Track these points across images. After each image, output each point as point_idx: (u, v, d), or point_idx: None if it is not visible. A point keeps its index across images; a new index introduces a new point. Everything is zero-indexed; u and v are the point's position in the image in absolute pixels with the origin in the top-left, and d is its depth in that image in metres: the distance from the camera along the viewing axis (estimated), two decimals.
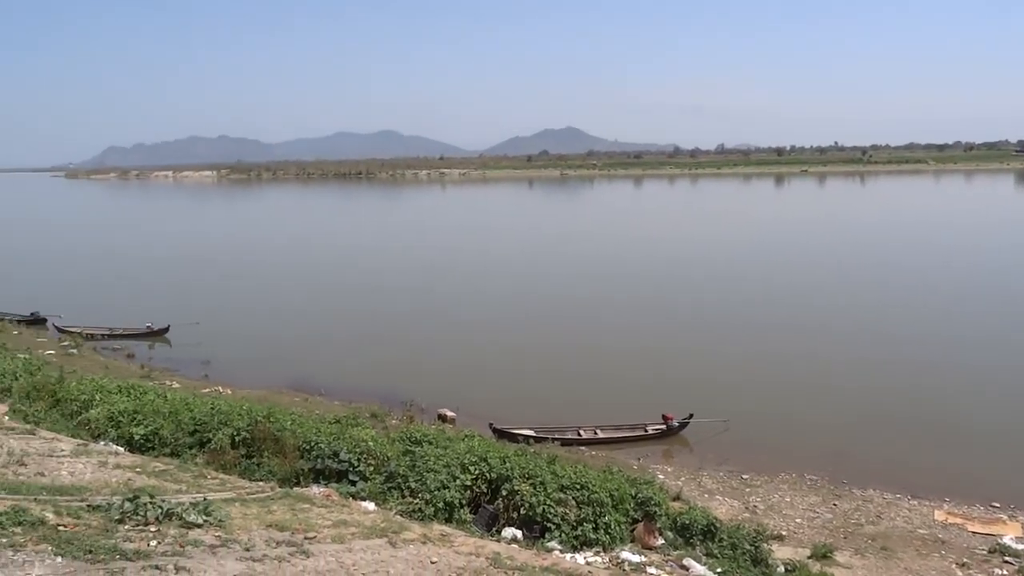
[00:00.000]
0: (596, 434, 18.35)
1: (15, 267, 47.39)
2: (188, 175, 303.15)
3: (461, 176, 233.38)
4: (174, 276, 43.17)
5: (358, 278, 41.35)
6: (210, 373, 23.09)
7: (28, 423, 12.94)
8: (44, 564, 5.44)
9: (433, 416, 19.15)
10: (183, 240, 64.44)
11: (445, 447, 12.37)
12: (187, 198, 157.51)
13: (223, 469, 11.62)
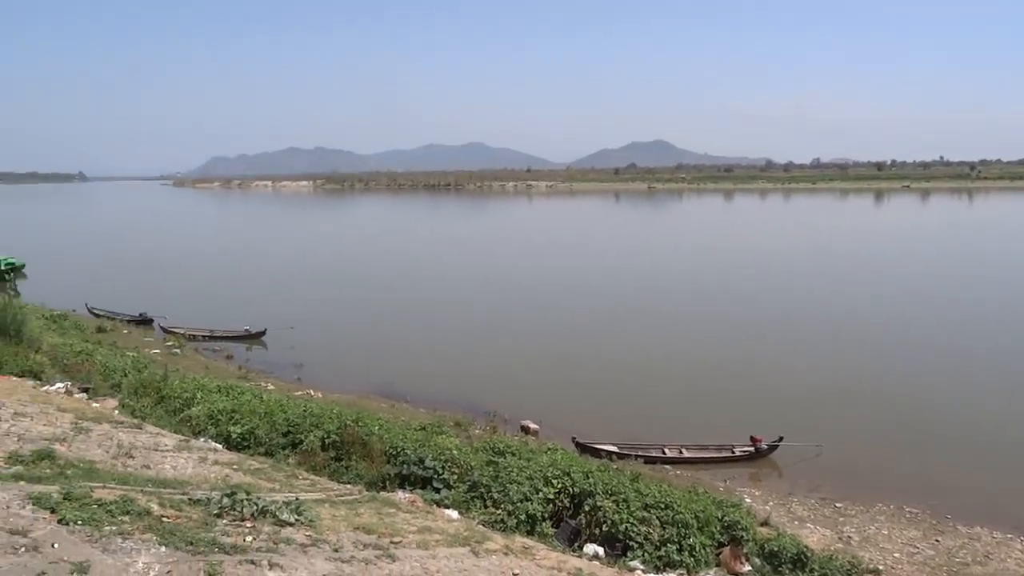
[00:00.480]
0: (681, 453, 17.98)
1: (127, 270, 50.29)
2: (286, 184, 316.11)
3: (548, 188, 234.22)
4: (270, 281, 44.89)
5: (445, 289, 41.95)
6: (302, 376, 23.85)
7: (135, 418, 13.66)
8: (149, 553, 5.73)
9: (516, 428, 19.19)
10: (279, 247, 66.96)
11: (528, 459, 12.40)
12: (284, 207, 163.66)
13: (313, 470, 11.98)
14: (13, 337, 18.53)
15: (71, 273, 47.68)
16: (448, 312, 35.14)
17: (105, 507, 6.60)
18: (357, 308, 36.25)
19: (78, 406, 13.43)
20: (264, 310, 32.85)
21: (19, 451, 8.78)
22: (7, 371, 15.90)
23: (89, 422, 11.50)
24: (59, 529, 5.88)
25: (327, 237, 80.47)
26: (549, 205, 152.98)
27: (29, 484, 7.15)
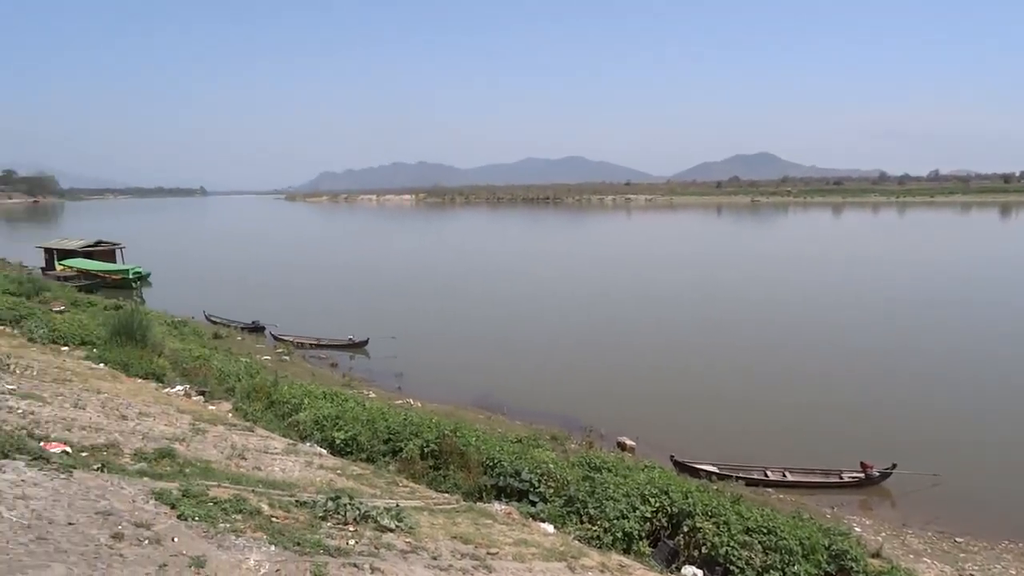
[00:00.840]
0: (785, 476, 17.30)
1: (241, 279, 52.91)
2: (389, 198, 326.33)
3: (647, 202, 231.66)
4: (374, 292, 46.26)
5: (544, 302, 42.07)
6: (403, 385, 24.41)
7: (248, 421, 14.33)
8: (260, 551, 5.98)
9: (612, 443, 19.00)
10: (383, 259, 68.90)
11: (625, 476, 12.24)
12: (387, 220, 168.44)
13: (412, 478, 12.22)
14: (139, 341, 19.82)
15: (191, 281, 50.56)
16: (546, 325, 35.20)
17: (220, 505, 6.94)
18: (457, 320, 36.83)
19: (196, 408, 14.21)
20: (367, 320, 33.84)
21: (143, 449, 9.35)
22: (133, 373, 17.00)
23: (205, 423, 12.14)
24: (178, 524, 6.22)
25: (428, 249, 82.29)
26: (648, 219, 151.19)
27: (152, 480, 7.61)
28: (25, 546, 4.95)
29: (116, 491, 6.80)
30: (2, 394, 10.65)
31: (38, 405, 10.46)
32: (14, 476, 6.45)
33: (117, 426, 10.45)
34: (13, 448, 7.26)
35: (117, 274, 47.15)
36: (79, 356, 18.09)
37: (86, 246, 52.69)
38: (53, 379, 13.33)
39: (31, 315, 21.50)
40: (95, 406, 11.56)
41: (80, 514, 5.88)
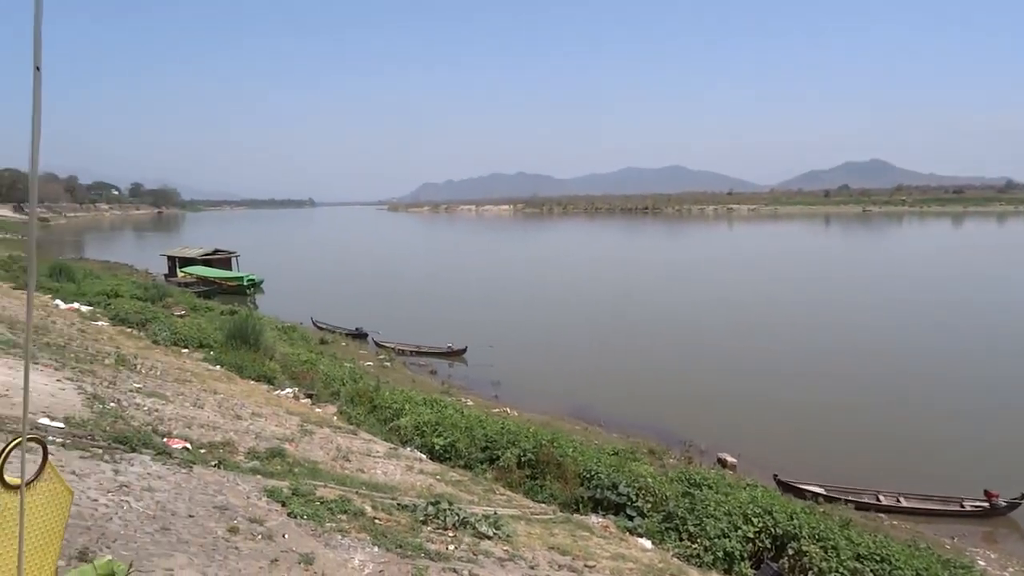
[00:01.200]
0: (899, 501, 16.36)
1: (346, 286, 54.75)
2: (488, 208, 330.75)
3: (750, 212, 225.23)
4: (472, 301, 46.88)
5: (640, 313, 41.55)
6: (500, 394, 24.59)
7: (351, 424, 14.81)
8: (364, 551, 6.16)
9: (712, 459, 18.51)
10: (481, 267, 69.81)
11: (726, 494, 11.91)
12: (485, 229, 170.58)
13: (509, 486, 12.29)
14: (252, 345, 20.83)
15: (300, 288, 52.65)
16: (645, 337, 34.75)
17: (326, 505, 7.20)
18: (554, 330, 36.85)
19: (303, 410, 14.79)
20: (465, 328, 34.32)
21: (256, 447, 9.81)
22: (246, 375, 17.88)
23: (312, 425, 12.62)
24: (288, 521, 6.49)
25: (526, 259, 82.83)
26: (751, 229, 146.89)
27: (264, 478, 7.97)
28: (151, 535, 5.28)
29: (232, 487, 7.17)
30: (131, 392, 11.41)
31: (162, 403, 11.15)
32: (141, 469, 6.90)
33: (232, 425, 11.00)
34: (140, 443, 7.76)
35: (232, 281, 49.69)
36: (198, 358, 19.17)
37: (205, 254, 55.85)
38: (175, 379, 14.18)
39: (155, 319, 22.95)
40: (212, 406, 12.21)
41: (199, 507, 6.23)
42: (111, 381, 11.91)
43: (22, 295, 24.15)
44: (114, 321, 22.13)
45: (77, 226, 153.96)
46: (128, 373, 13.41)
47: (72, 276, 32.47)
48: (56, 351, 13.43)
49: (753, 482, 14.28)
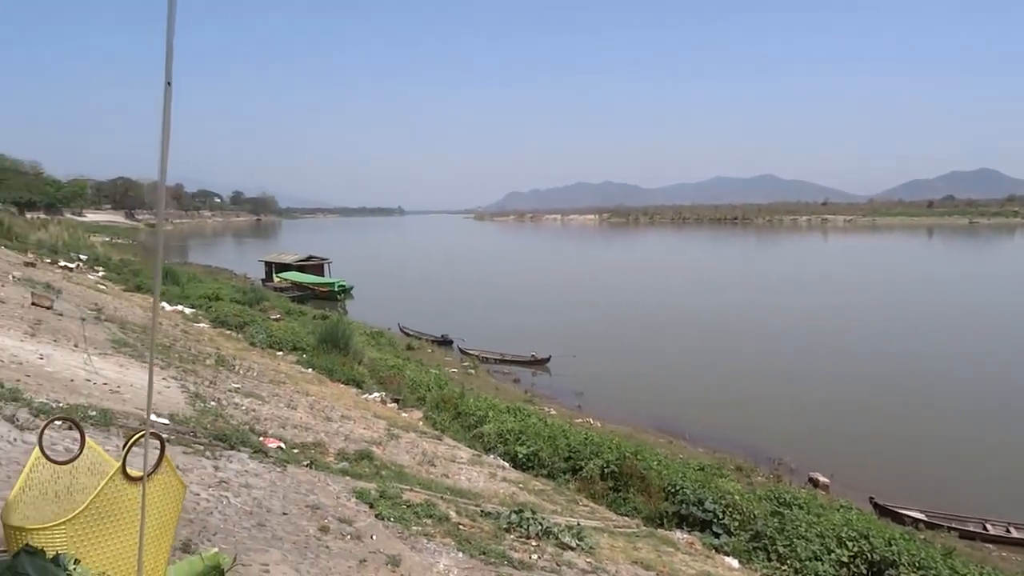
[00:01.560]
0: (1008, 532, 15.35)
1: (432, 293, 55.65)
2: (573, 218, 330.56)
3: (846, 223, 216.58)
4: (556, 309, 46.88)
5: (728, 326, 40.58)
6: (583, 404, 24.46)
7: (436, 430, 15.02)
8: (448, 556, 6.23)
9: (803, 478, 17.86)
10: (566, 276, 69.71)
11: (818, 515, 11.47)
12: (570, 239, 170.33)
13: (592, 498, 12.20)
14: (342, 349, 21.43)
15: (388, 295, 53.86)
16: (733, 351, 33.91)
17: (413, 508, 7.32)
18: (638, 341, 36.42)
19: (390, 414, 15.11)
20: (549, 337, 34.35)
21: (345, 449, 10.07)
22: (336, 378, 18.40)
23: (399, 430, 12.87)
24: (376, 523, 6.63)
25: (610, 268, 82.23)
26: (847, 241, 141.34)
27: (353, 479, 8.17)
28: (248, 531, 5.49)
29: (323, 487, 7.38)
30: (229, 391, 11.92)
31: (258, 403, 11.60)
32: (239, 466, 7.19)
33: (323, 427, 11.34)
34: (238, 441, 8.09)
35: (325, 287, 51.31)
36: (291, 360, 19.87)
37: (299, 260, 57.88)
38: (270, 380, 14.73)
39: (253, 322, 23.92)
40: (304, 407, 12.62)
41: (293, 506, 6.44)
42: (211, 381, 12.47)
43: (132, 296, 25.60)
44: (214, 323, 23.19)
45: (182, 232, 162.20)
46: (227, 373, 14.01)
47: (177, 279, 34.22)
48: (162, 351, 14.16)
49: (847, 504, 13.69)
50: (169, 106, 1.36)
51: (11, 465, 5.19)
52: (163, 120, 1.37)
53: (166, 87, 1.34)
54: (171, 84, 1.33)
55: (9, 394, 7.06)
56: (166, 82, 1.34)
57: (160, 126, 1.38)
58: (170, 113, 1.36)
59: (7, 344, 10.27)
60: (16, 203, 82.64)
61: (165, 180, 1.49)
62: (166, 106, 1.36)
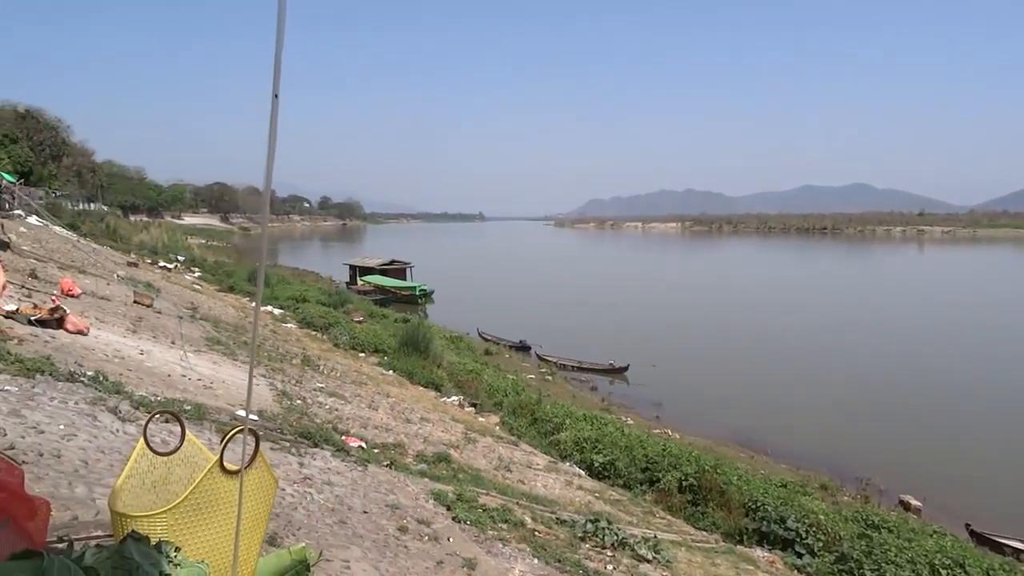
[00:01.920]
0: None
1: (511, 299, 55.91)
2: (654, 226, 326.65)
3: (944, 235, 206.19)
4: (636, 318, 46.38)
5: (813, 338, 39.25)
6: (661, 415, 24.06)
7: (513, 435, 15.08)
8: (524, 562, 6.25)
9: (893, 500, 17.08)
10: (645, 285, 68.91)
11: (909, 539, 10.95)
12: (651, 247, 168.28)
13: (669, 510, 12.00)
14: (422, 353, 21.79)
15: (467, 299, 54.40)
16: (819, 363, 32.79)
17: (489, 512, 7.37)
18: (719, 352, 35.63)
19: (468, 418, 15.26)
20: (627, 346, 33.97)
21: (424, 451, 10.23)
22: (416, 381, 18.72)
23: (476, 434, 12.99)
24: (453, 525, 6.71)
25: (691, 278, 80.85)
26: (944, 254, 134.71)
27: (431, 481, 8.30)
28: (330, 527, 5.65)
29: (402, 487, 7.52)
30: (314, 391, 12.29)
31: (341, 403, 11.91)
32: (322, 464, 7.41)
33: (403, 428, 11.56)
34: (322, 439, 8.33)
35: (406, 291, 52.26)
36: (373, 362, 20.33)
37: (382, 264, 59.19)
38: (352, 381, 15.11)
39: (337, 323, 24.60)
40: (385, 408, 12.89)
41: (373, 504, 6.59)
42: (298, 380, 12.88)
43: (225, 296, 26.71)
44: (301, 324, 23.96)
45: (273, 235, 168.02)
46: (312, 373, 14.46)
47: (268, 281, 35.52)
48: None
49: (941, 530, 13.03)
50: (275, 118, 1.41)
51: (113, 454, 5.50)
52: (269, 131, 1.43)
53: (273, 99, 1.39)
54: (278, 97, 1.39)
55: (113, 387, 7.48)
56: (273, 94, 1.40)
57: (267, 136, 1.45)
58: (276, 124, 1.42)
59: (111, 340, 10.88)
60: (121, 206, 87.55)
61: (270, 187, 1.56)
62: (272, 118, 1.41)
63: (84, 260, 22.25)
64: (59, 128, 69.10)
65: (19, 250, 19.72)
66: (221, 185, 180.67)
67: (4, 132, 55.56)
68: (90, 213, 58.20)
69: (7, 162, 47.65)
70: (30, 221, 28.07)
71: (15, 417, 5.54)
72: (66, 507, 4.07)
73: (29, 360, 7.36)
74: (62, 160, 70.48)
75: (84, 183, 77.45)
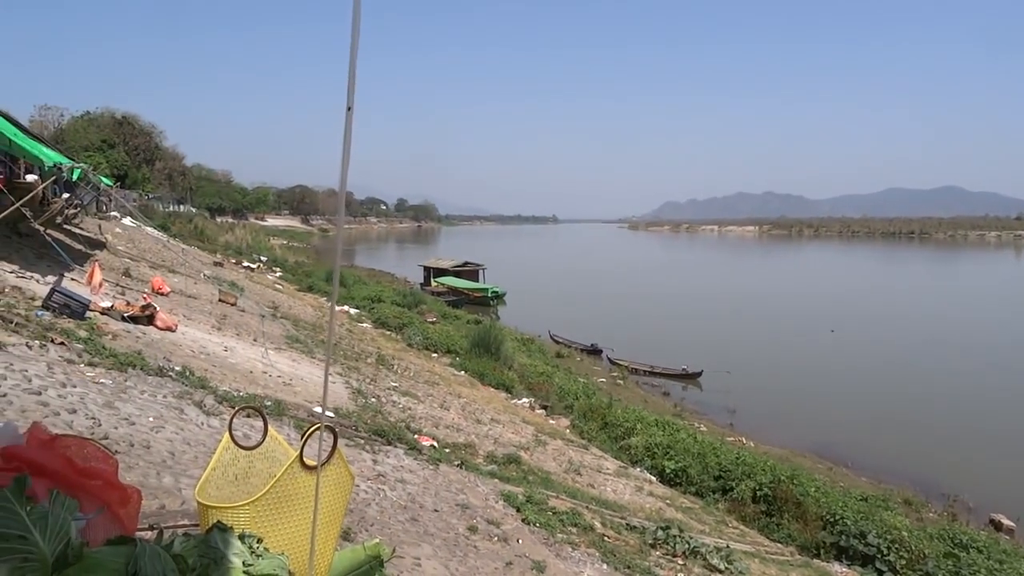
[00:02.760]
0: None
1: (584, 301, 55.68)
2: (731, 229, 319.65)
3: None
4: (711, 323, 45.52)
5: (899, 347, 37.73)
6: (735, 423, 23.54)
7: (583, 439, 15.04)
8: (593, 567, 6.23)
9: (983, 519, 16.24)
10: (721, 290, 67.56)
11: (1000, 561, 10.44)
12: (727, 251, 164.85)
13: (743, 520, 11.76)
14: (493, 354, 21.94)
15: (539, 302, 54.43)
16: (904, 374, 31.49)
17: (558, 516, 7.38)
18: (798, 359, 34.63)
19: (538, 421, 15.28)
20: (701, 352, 33.37)
21: (494, 452, 10.31)
22: (487, 382, 18.86)
23: (546, 436, 13.00)
24: (522, 527, 6.75)
25: (769, 283, 78.83)
26: None
27: (501, 482, 8.36)
28: (402, 524, 5.76)
29: (472, 487, 7.60)
30: (388, 390, 12.54)
31: (414, 402, 12.12)
32: (395, 462, 7.56)
33: (473, 429, 11.67)
34: (395, 437, 8.50)
35: (479, 292, 52.65)
36: (445, 362, 20.59)
37: (455, 266, 59.81)
38: (425, 381, 15.35)
39: (410, 324, 25.01)
40: (456, 409, 13.04)
41: (444, 503, 6.68)
42: (372, 378, 13.17)
43: (305, 296, 27.51)
44: (376, 324, 24.47)
45: (350, 237, 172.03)
46: (386, 372, 14.75)
47: (344, 282, 36.42)
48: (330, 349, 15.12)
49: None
50: (350, 130, 1.46)
51: (198, 446, 5.75)
52: (343, 142, 1.48)
53: (347, 112, 1.44)
54: (351, 109, 1.43)
55: (198, 382, 7.82)
56: (347, 107, 1.44)
57: (341, 148, 1.50)
58: (350, 136, 1.47)
59: (198, 336, 11.36)
60: (209, 208, 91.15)
61: (344, 197, 1.62)
62: (346, 130, 1.46)
63: (173, 260, 23.29)
64: (153, 133, 72.47)
65: (115, 250, 20.80)
66: (302, 188, 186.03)
67: (103, 138, 58.66)
68: (179, 215, 60.78)
69: (105, 166, 50.25)
70: (125, 222, 29.55)
71: (109, 409, 5.86)
72: (154, 496, 4.28)
73: (122, 355, 7.77)
74: (155, 164, 73.89)
75: (175, 186, 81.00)
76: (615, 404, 19.59)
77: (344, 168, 1.52)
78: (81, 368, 6.86)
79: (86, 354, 7.38)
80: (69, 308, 9.16)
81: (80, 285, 11.99)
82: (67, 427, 5.05)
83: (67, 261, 14.16)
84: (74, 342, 7.71)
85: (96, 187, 22.13)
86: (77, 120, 63.10)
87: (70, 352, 7.29)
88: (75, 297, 9.48)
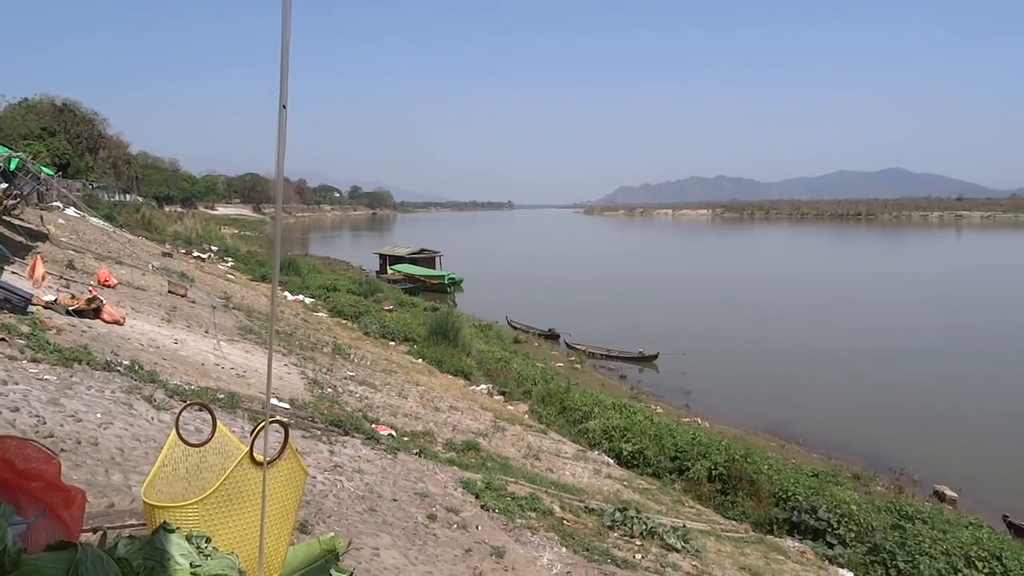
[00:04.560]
0: None
1: (540, 287, 55.87)
2: (685, 213, 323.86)
3: (983, 220, 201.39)
4: (665, 306, 46.08)
5: (846, 325, 38.70)
6: (690, 403, 23.93)
7: (542, 424, 15.12)
8: (552, 551, 6.29)
9: (927, 491, 16.83)
10: (674, 272, 68.41)
11: (943, 531, 10.80)
12: (681, 234, 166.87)
13: (699, 499, 11.98)
14: (451, 341, 21.89)
15: (496, 288, 54.44)
16: (852, 352, 32.34)
17: (517, 501, 7.42)
18: (751, 340, 35.28)
19: (496, 407, 15.32)
20: (657, 334, 33.78)
21: (452, 439, 10.31)
22: (445, 369, 18.83)
23: (504, 422, 13.04)
24: (482, 514, 6.77)
25: (722, 266, 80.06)
26: (986, 240, 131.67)
27: (460, 470, 8.37)
28: (360, 515, 5.73)
29: (431, 475, 7.60)
30: (345, 379, 12.43)
31: (371, 392, 12.04)
32: (352, 452, 7.51)
33: (432, 416, 11.65)
34: (352, 427, 8.44)
35: (436, 279, 52.41)
36: (402, 351, 20.48)
37: (412, 253, 59.39)
38: (382, 369, 15.25)
39: (367, 312, 24.80)
40: (415, 397, 13.00)
41: (402, 492, 6.67)
42: (328, 368, 13.04)
43: (258, 286, 27.06)
44: (332, 313, 24.20)
45: (304, 225, 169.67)
46: (343, 361, 14.62)
47: (298, 270, 35.90)
48: (284, 338, 14.92)
49: (977, 521, 12.81)
50: (284, 127, 1.43)
51: (148, 442, 5.63)
52: (277, 140, 1.44)
53: (280, 109, 1.40)
54: (286, 107, 1.40)
55: (148, 376, 7.65)
56: (280, 105, 1.41)
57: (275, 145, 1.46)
58: (284, 133, 1.43)
59: (146, 329, 11.11)
60: (156, 197, 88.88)
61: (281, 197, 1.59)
62: (280, 127, 1.42)
63: (120, 251, 22.69)
64: (95, 121, 70.20)
65: (57, 241, 20.17)
66: (253, 176, 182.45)
67: (43, 125, 56.63)
68: (125, 204, 59.17)
69: (45, 155, 48.57)
70: (68, 213, 28.66)
71: (54, 406, 5.70)
72: (103, 494, 4.19)
73: (67, 350, 7.55)
74: (99, 152, 71.65)
75: (120, 175, 78.71)
76: (573, 388, 19.73)
77: (279, 164, 1.49)
78: (23, 364, 6.65)
79: (28, 350, 7.16)
80: (10, 303, 8.86)
81: (21, 278, 11.62)
82: (9, 426, 4.90)
83: (7, 254, 13.69)
84: (15, 338, 7.46)
85: (36, 177, 21.41)
86: (14, 107, 60.76)
87: (11, 348, 7.06)
88: (16, 291, 9.18)
